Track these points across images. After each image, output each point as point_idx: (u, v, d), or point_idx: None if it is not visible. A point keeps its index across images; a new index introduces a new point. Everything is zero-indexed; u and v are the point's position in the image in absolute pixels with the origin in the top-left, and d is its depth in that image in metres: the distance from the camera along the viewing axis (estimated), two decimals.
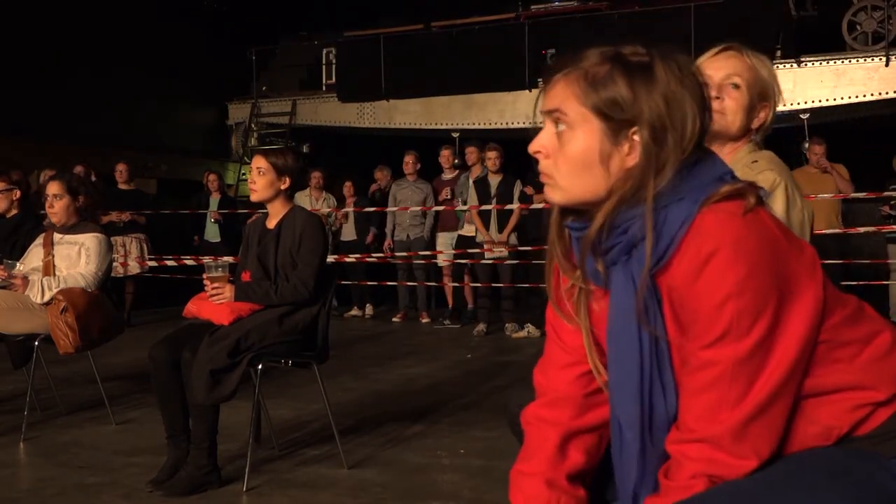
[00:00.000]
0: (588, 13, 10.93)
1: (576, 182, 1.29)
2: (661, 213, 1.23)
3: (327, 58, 12.48)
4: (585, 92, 1.27)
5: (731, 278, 1.18)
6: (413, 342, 7.49)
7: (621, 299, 1.29)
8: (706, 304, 1.20)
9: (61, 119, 10.05)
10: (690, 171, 1.25)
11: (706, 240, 1.19)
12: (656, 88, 1.24)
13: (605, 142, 1.26)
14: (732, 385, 1.20)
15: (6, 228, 4.70)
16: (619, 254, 1.28)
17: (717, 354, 1.21)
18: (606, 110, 1.26)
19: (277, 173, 3.44)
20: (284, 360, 3.41)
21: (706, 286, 1.20)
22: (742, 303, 1.18)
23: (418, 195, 8.63)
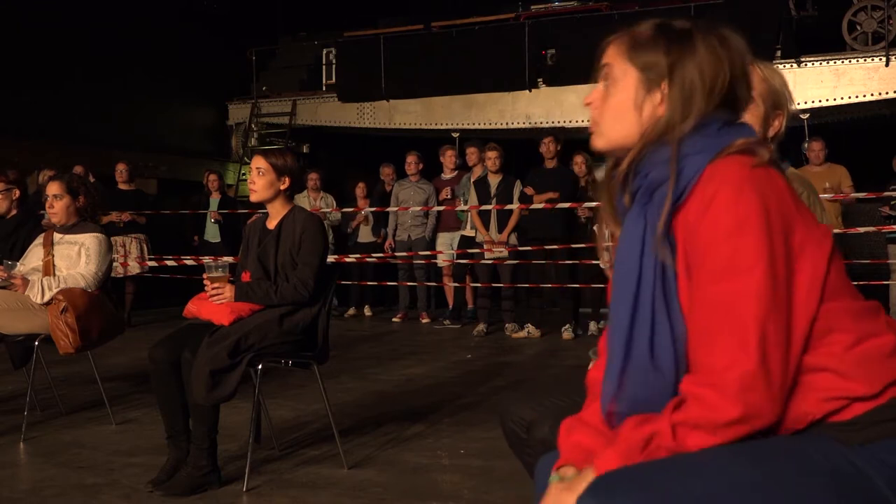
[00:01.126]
0: (588, 13, 10.94)
1: (614, 127, 1.45)
2: (681, 163, 1.35)
3: (327, 58, 12.49)
4: (630, 50, 1.44)
5: (732, 215, 1.28)
6: (413, 342, 7.49)
7: (630, 228, 1.41)
8: (709, 239, 1.29)
9: (61, 119, 10.06)
10: (717, 131, 1.37)
11: (713, 182, 1.31)
12: (690, 52, 1.40)
13: (640, 91, 1.42)
14: (728, 320, 1.27)
15: (6, 228, 4.70)
16: (642, 196, 1.40)
17: (716, 291, 1.28)
18: (643, 65, 1.42)
19: (277, 174, 3.44)
20: (284, 360, 3.41)
21: (710, 223, 1.29)
22: (742, 241, 1.27)
23: (420, 195, 8.63)
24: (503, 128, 11.07)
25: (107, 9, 10.76)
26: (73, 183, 4.22)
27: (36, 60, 9.87)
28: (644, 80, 1.41)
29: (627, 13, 10.57)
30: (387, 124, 11.77)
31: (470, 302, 8.70)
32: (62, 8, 10.15)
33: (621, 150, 1.45)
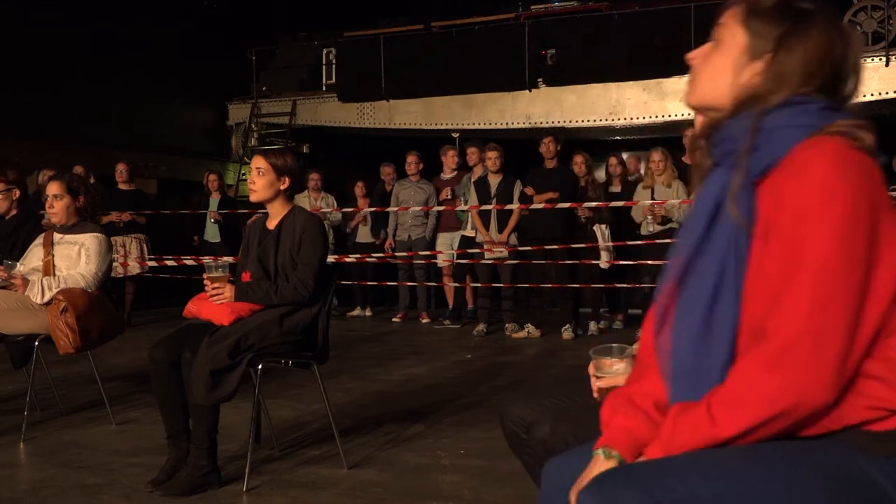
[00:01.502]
0: (588, 13, 10.94)
1: (708, 85, 1.46)
2: (772, 133, 1.34)
3: (327, 58, 12.49)
4: (746, 14, 1.43)
5: (824, 186, 1.25)
6: (413, 342, 7.49)
7: (707, 190, 1.40)
8: (795, 207, 1.27)
9: (61, 119, 10.06)
10: (818, 111, 1.36)
11: (809, 153, 1.29)
12: (803, 32, 1.38)
13: (743, 57, 1.41)
14: (796, 291, 1.24)
15: (6, 228, 4.70)
16: (724, 159, 1.39)
17: (791, 261, 1.26)
18: (754, 32, 1.41)
19: (277, 174, 3.44)
20: (284, 360, 3.41)
21: (800, 190, 1.27)
22: (830, 214, 1.24)
23: (421, 195, 8.63)
24: (503, 128, 11.06)
25: (107, 9, 10.75)
26: (73, 183, 4.22)
27: (36, 60, 9.87)
28: (750, 46, 1.41)
29: (627, 13, 10.58)
30: (387, 124, 11.76)
31: (470, 302, 8.70)
32: (62, 8, 10.15)
33: (710, 110, 1.45)
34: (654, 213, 7.18)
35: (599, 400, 1.98)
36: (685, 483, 1.22)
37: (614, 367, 1.96)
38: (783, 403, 1.23)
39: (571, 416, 1.85)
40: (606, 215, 7.61)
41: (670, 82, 10.13)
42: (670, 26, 10.04)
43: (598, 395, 1.98)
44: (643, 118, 10.43)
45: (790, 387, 1.23)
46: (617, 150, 9.80)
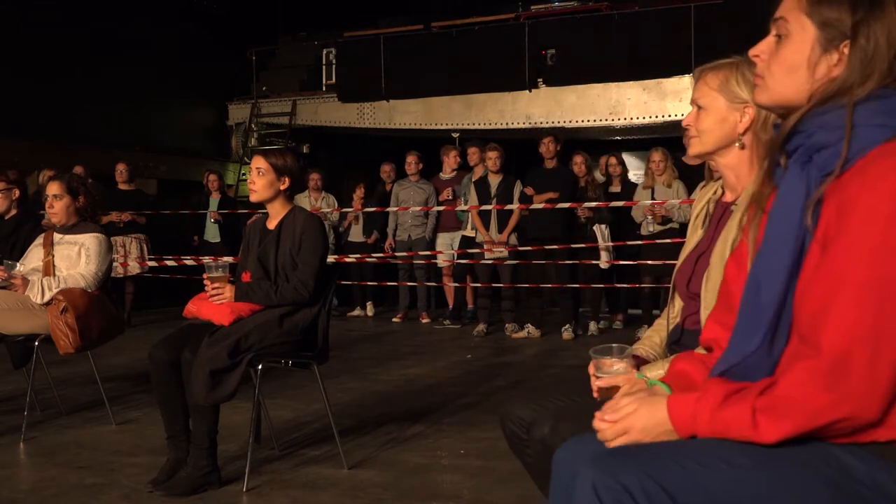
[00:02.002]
0: (588, 13, 10.94)
1: (783, 83, 1.38)
2: (854, 130, 1.27)
3: (327, 58, 12.49)
4: (810, 4, 1.35)
5: (890, 198, 1.21)
6: (413, 342, 7.49)
7: (790, 189, 1.34)
8: (866, 216, 1.22)
9: (61, 119, 10.06)
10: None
11: (886, 159, 1.23)
12: (879, 12, 1.30)
13: (817, 49, 1.34)
14: (856, 301, 1.21)
15: (6, 228, 4.70)
16: (801, 155, 1.34)
17: (856, 270, 1.22)
18: (824, 21, 1.33)
19: (277, 174, 3.44)
20: (284, 360, 3.41)
21: (873, 199, 1.22)
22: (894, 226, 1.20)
23: (420, 195, 8.63)
24: (503, 128, 11.06)
25: (107, 9, 10.75)
26: (73, 183, 4.22)
27: (36, 60, 9.87)
28: (822, 37, 1.33)
29: (627, 13, 10.57)
30: (387, 124, 11.77)
31: (470, 302, 8.70)
32: (62, 8, 10.15)
33: (784, 108, 1.40)
34: (654, 213, 7.18)
35: (599, 400, 1.98)
36: (692, 473, 1.22)
37: (614, 367, 1.96)
38: (829, 417, 1.22)
39: (571, 416, 1.85)
40: (606, 215, 7.61)
41: (670, 82, 10.13)
42: (670, 26, 10.04)
43: (598, 395, 1.98)
44: (643, 118, 10.43)
45: (840, 404, 1.21)
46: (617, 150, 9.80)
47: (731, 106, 1.93)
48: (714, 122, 1.95)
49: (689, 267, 2.03)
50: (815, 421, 1.22)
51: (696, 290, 1.97)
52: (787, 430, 1.23)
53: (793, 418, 1.23)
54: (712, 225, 2.03)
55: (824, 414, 1.22)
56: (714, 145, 1.97)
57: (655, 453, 1.26)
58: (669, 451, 1.26)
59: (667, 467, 1.22)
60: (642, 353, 2.10)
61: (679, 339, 2.04)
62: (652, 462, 1.23)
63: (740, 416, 1.26)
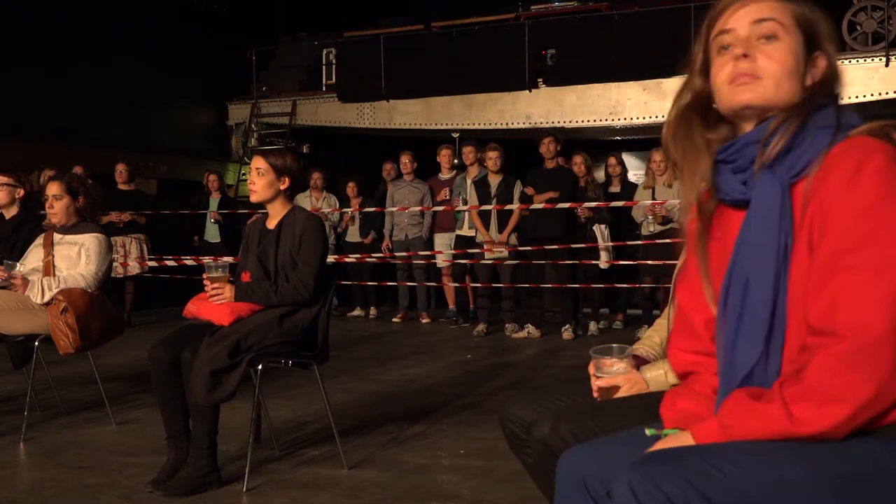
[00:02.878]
0: (588, 13, 10.94)
1: (782, 84, 1.41)
2: (812, 133, 1.34)
3: (327, 58, 12.49)
4: (799, 11, 1.42)
5: (882, 184, 1.26)
6: (413, 342, 7.49)
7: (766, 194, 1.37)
8: (854, 208, 1.26)
9: (61, 119, 10.06)
10: (842, 109, 1.37)
11: (854, 154, 1.29)
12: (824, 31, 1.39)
13: (801, 55, 1.42)
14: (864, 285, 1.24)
15: (6, 228, 4.70)
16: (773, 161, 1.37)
17: (856, 257, 1.25)
18: (808, 31, 1.41)
19: (277, 174, 3.44)
20: (284, 360, 3.41)
21: (857, 191, 1.27)
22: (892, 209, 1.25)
23: (416, 195, 8.64)
24: (503, 128, 11.06)
25: (107, 9, 10.75)
26: (72, 183, 4.22)
27: (36, 60, 9.87)
28: (803, 46, 1.41)
29: (627, 13, 10.57)
30: (387, 124, 11.76)
31: (470, 302, 8.69)
32: (62, 8, 10.15)
33: (770, 109, 1.42)
34: (654, 213, 7.18)
35: (600, 400, 1.98)
36: (729, 474, 1.22)
37: (614, 367, 1.96)
38: (866, 397, 1.23)
39: (571, 416, 1.85)
40: (606, 215, 7.61)
41: (670, 82, 10.12)
42: (670, 26, 10.03)
43: (598, 395, 1.98)
44: (643, 118, 10.43)
45: (872, 381, 1.22)
46: (617, 150, 9.80)
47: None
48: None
49: None
50: (854, 404, 1.23)
51: None
52: (830, 419, 1.24)
53: (834, 405, 1.24)
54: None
55: (860, 395, 1.23)
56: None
57: (696, 459, 1.25)
58: (710, 456, 1.26)
59: (708, 475, 1.22)
60: (642, 353, 2.10)
61: None
62: (693, 469, 1.23)
63: (772, 411, 1.27)
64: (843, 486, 1.23)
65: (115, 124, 10.90)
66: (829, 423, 1.24)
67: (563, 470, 1.52)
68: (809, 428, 1.25)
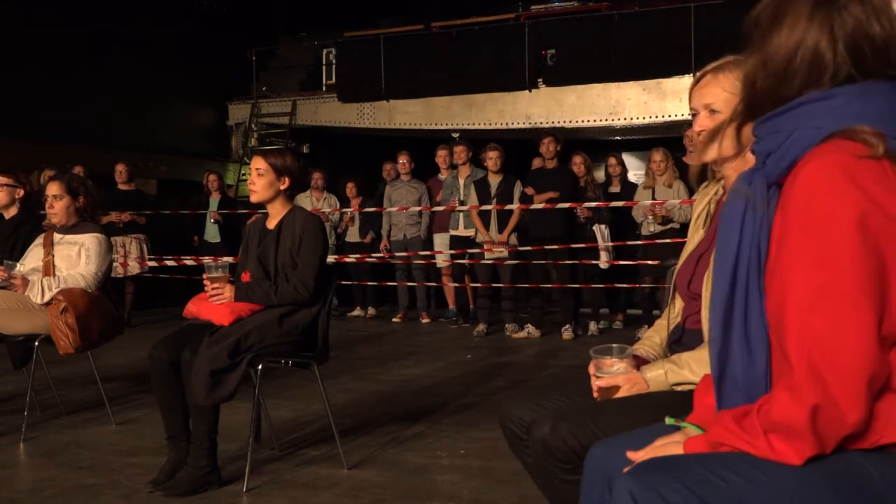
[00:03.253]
0: (588, 13, 10.95)
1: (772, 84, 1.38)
2: (793, 136, 1.30)
3: (327, 58, 12.49)
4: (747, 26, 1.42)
5: (825, 203, 1.22)
6: (413, 342, 7.49)
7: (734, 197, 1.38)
8: (799, 224, 1.24)
9: (61, 119, 10.06)
10: (833, 111, 1.30)
11: (814, 165, 1.25)
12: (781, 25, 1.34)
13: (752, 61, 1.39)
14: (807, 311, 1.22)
15: (6, 228, 4.70)
16: (758, 161, 1.38)
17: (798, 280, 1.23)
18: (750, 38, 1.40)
19: (277, 174, 3.44)
20: (284, 360, 3.41)
21: (802, 207, 1.24)
22: (832, 232, 1.21)
23: (413, 195, 8.65)
24: (503, 128, 11.06)
25: (107, 9, 10.76)
26: (72, 183, 4.22)
27: (36, 60, 9.87)
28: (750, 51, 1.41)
29: (627, 13, 10.58)
30: (387, 124, 11.77)
31: (470, 302, 8.69)
32: (62, 8, 10.15)
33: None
34: (654, 213, 7.18)
35: (600, 400, 1.98)
36: (731, 482, 1.22)
37: (614, 367, 1.96)
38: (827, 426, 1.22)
39: (571, 416, 1.85)
40: (606, 215, 7.61)
41: (670, 82, 10.13)
42: (670, 26, 10.04)
43: (598, 395, 1.98)
44: (643, 118, 10.43)
45: (826, 410, 1.21)
46: (617, 150, 9.80)
47: None
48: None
49: (690, 267, 2.03)
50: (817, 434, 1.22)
51: (696, 291, 1.97)
52: (807, 451, 1.23)
53: (802, 438, 1.23)
54: (713, 225, 2.03)
55: (819, 425, 1.21)
56: (735, 149, 1.95)
57: (698, 467, 1.25)
58: (712, 463, 1.26)
59: (710, 483, 1.22)
60: (642, 353, 2.10)
61: (680, 338, 2.04)
62: (695, 477, 1.23)
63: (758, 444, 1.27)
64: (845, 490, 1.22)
65: (115, 124, 10.90)
66: (803, 458, 1.23)
67: (591, 463, 1.53)
68: (789, 460, 1.24)
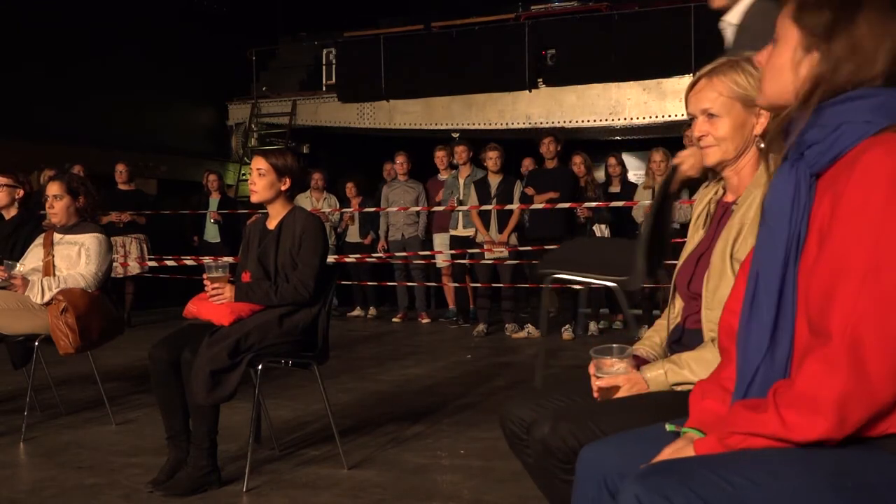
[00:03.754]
0: (588, 13, 10.96)
1: (770, 85, 1.45)
2: (840, 128, 1.32)
3: (327, 58, 12.50)
4: (796, 9, 1.41)
5: (890, 184, 1.24)
6: (413, 342, 7.49)
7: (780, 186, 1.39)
8: (859, 204, 1.26)
9: (61, 119, 10.06)
10: (880, 107, 1.33)
11: (873, 151, 1.27)
12: (854, 14, 1.35)
13: (799, 51, 1.40)
14: (869, 286, 1.23)
15: (6, 228, 4.70)
16: (794, 153, 1.39)
17: (854, 256, 1.25)
18: (805, 24, 1.39)
19: (278, 174, 3.44)
20: (284, 360, 3.41)
21: (864, 188, 1.26)
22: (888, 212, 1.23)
23: (410, 195, 8.65)
24: (503, 128, 11.06)
25: (107, 9, 10.76)
26: (73, 183, 4.22)
27: (35, 60, 9.87)
28: (804, 39, 1.39)
29: (627, 13, 10.58)
30: (387, 124, 11.77)
31: (470, 302, 8.69)
32: (62, 8, 10.15)
33: (778, 108, 1.45)
34: None
35: (600, 400, 1.98)
36: (737, 486, 1.22)
37: (614, 367, 1.96)
38: (853, 405, 1.22)
39: (571, 416, 1.85)
40: (606, 215, 7.61)
41: (670, 82, 10.13)
42: (670, 26, 10.05)
43: (598, 395, 1.98)
44: (643, 118, 10.44)
45: (858, 388, 1.22)
46: (617, 150, 9.80)
47: (747, 110, 1.91)
48: (733, 129, 1.92)
49: (690, 267, 2.03)
50: (842, 411, 1.22)
51: (696, 291, 1.97)
52: (822, 428, 1.24)
53: (823, 413, 1.23)
54: (713, 225, 2.03)
55: (848, 402, 1.22)
56: (736, 151, 1.94)
57: (704, 471, 1.25)
58: (718, 467, 1.25)
59: (717, 486, 1.22)
60: (642, 353, 2.10)
61: (680, 338, 2.04)
62: (702, 481, 1.23)
63: (767, 419, 1.27)
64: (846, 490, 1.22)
65: (115, 124, 10.90)
66: (815, 434, 1.24)
67: (582, 464, 1.53)
68: (800, 435, 1.25)
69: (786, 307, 1.35)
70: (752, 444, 1.29)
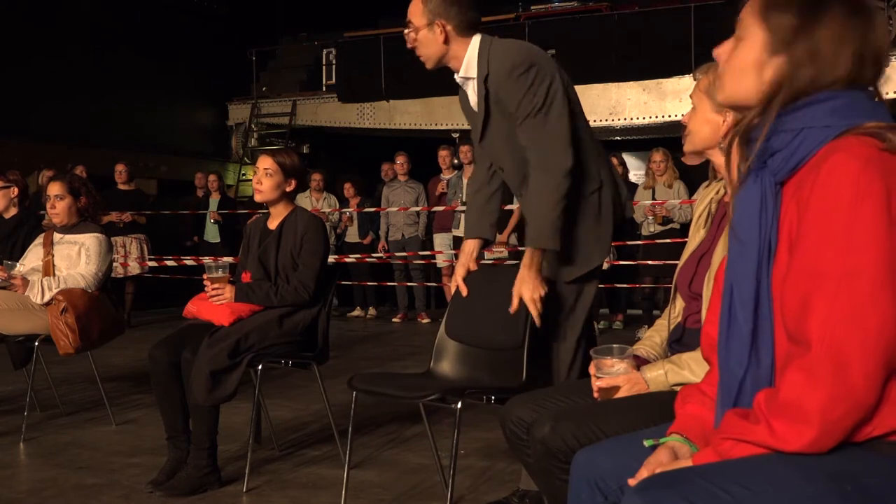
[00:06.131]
0: (588, 13, 10.95)
1: (733, 85, 1.42)
2: (802, 134, 1.32)
3: (327, 58, 12.49)
4: (762, 8, 1.39)
5: (852, 188, 1.23)
6: (413, 342, 7.49)
7: (747, 196, 1.37)
8: (825, 209, 1.25)
9: (61, 119, 10.06)
10: (845, 107, 1.32)
11: (836, 155, 1.26)
12: (817, 21, 1.34)
13: (764, 53, 1.37)
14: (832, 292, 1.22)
15: (6, 228, 4.70)
16: (757, 160, 1.37)
17: (825, 262, 1.24)
18: (771, 26, 1.37)
19: (285, 175, 3.42)
20: (284, 360, 3.41)
21: (828, 193, 1.25)
22: (860, 215, 1.22)
23: (410, 195, 8.65)
24: None
25: (107, 9, 10.76)
26: (74, 183, 4.22)
27: (35, 60, 9.87)
28: (770, 41, 1.36)
29: (627, 13, 10.58)
30: (387, 124, 11.76)
31: None
32: (62, 8, 10.15)
33: (738, 108, 1.44)
34: (654, 214, 7.18)
35: (600, 400, 1.98)
36: (735, 495, 1.21)
37: (614, 367, 1.96)
38: (831, 415, 1.22)
39: (571, 416, 1.85)
40: None
41: (670, 82, 10.13)
42: (670, 26, 10.04)
43: (598, 396, 1.98)
44: (643, 118, 10.43)
45: (842, 394, 1.21)
46: (617, 150, 9.80)
47: (715, 108, 1.96)
48: (700, 123, 2.01)
49: (692, 267, 2.03)
50: (828, 418, 1.22)
51: (697, 291, 1.97)
52: (809, 436, 1.23)
53: (809, 422, 1.23)
54: (714, 225, 2.03)
55: (833, 409, 1.22)
56: (701, 144, 2.02)
57: (702, 481, 1.25)
58: (715, 476, 1.25)
59: (714, 496, 1.22)
60: (643, 353, 2.10)
61: (681, 337, 2.04)
62: (700, 492, 1.23)
63: (757, 430, 1.27)
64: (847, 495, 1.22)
65: (115, 124, 10.90)
66: (804, 442, 1.23)
67: (577, 468, 1.53)
68: (790, 445, 1.24)
69: (763, 318, 1.34)
70: (745, 451, 1.29)
